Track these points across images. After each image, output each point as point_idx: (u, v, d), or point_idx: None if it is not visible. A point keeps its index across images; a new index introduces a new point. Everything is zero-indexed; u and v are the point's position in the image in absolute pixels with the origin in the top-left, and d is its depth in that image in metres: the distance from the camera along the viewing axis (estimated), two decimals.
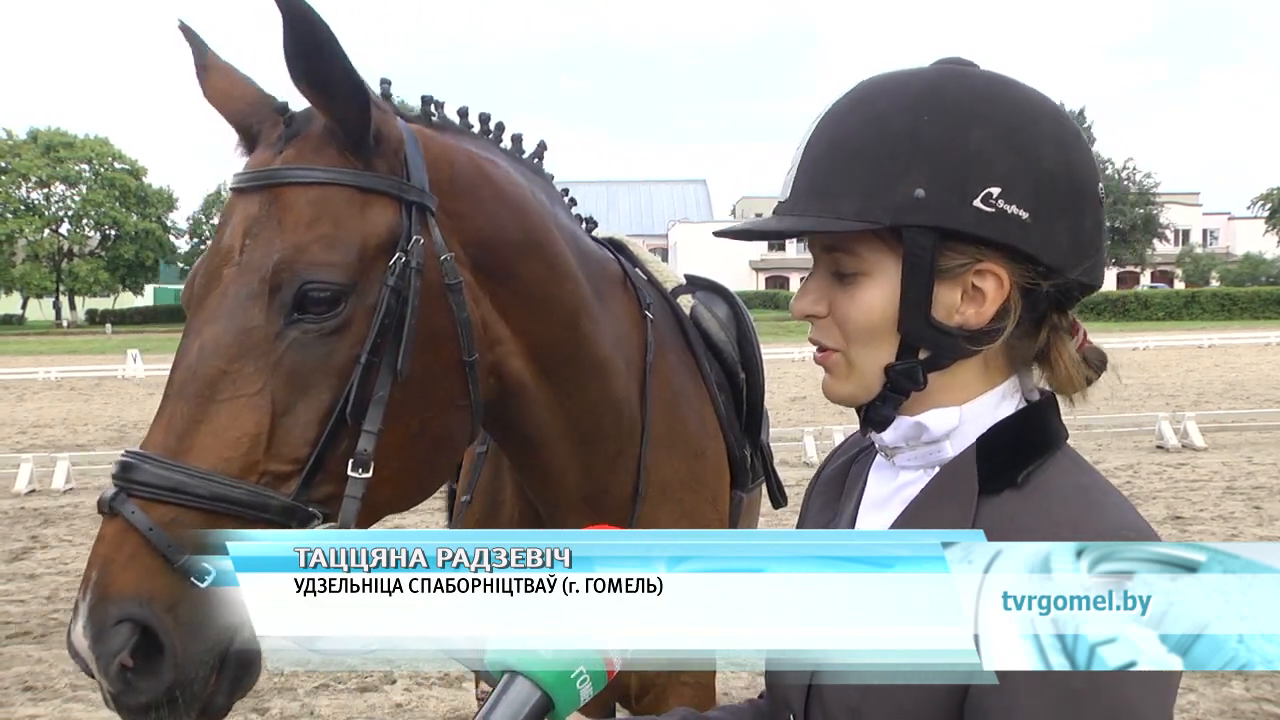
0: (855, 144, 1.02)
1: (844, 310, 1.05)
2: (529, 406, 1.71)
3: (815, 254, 1.10)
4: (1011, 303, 1.02)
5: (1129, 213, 66.01)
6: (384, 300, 1.35)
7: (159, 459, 1.25)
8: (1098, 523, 0.94)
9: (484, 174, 1.63)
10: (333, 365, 1.33)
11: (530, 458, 1.81)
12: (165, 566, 1.20)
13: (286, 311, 1.31)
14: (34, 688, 4.84)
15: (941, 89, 1.02)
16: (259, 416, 1.28)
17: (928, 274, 1.00)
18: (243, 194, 1.41)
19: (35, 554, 7.44)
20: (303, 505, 1.28)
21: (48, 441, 13.46)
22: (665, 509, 1.98)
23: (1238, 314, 47.99)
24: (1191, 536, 7.20)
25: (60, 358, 32.12)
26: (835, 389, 1.10)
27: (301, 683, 4.82)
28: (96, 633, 1.17)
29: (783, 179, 1.11)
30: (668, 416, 2.00)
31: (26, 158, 60.26)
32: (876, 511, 1.11)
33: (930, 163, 0.98)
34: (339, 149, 1.41)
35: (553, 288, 1.70)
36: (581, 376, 1.78)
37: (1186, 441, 11.13)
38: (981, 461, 1.02)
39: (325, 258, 1.34)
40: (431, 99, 1.70)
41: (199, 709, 1.23)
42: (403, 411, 1.39)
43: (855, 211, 1.00)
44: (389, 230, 1.40)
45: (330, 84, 1.35)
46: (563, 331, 1.72)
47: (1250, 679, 4.59)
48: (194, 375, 1.30)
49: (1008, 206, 0.98)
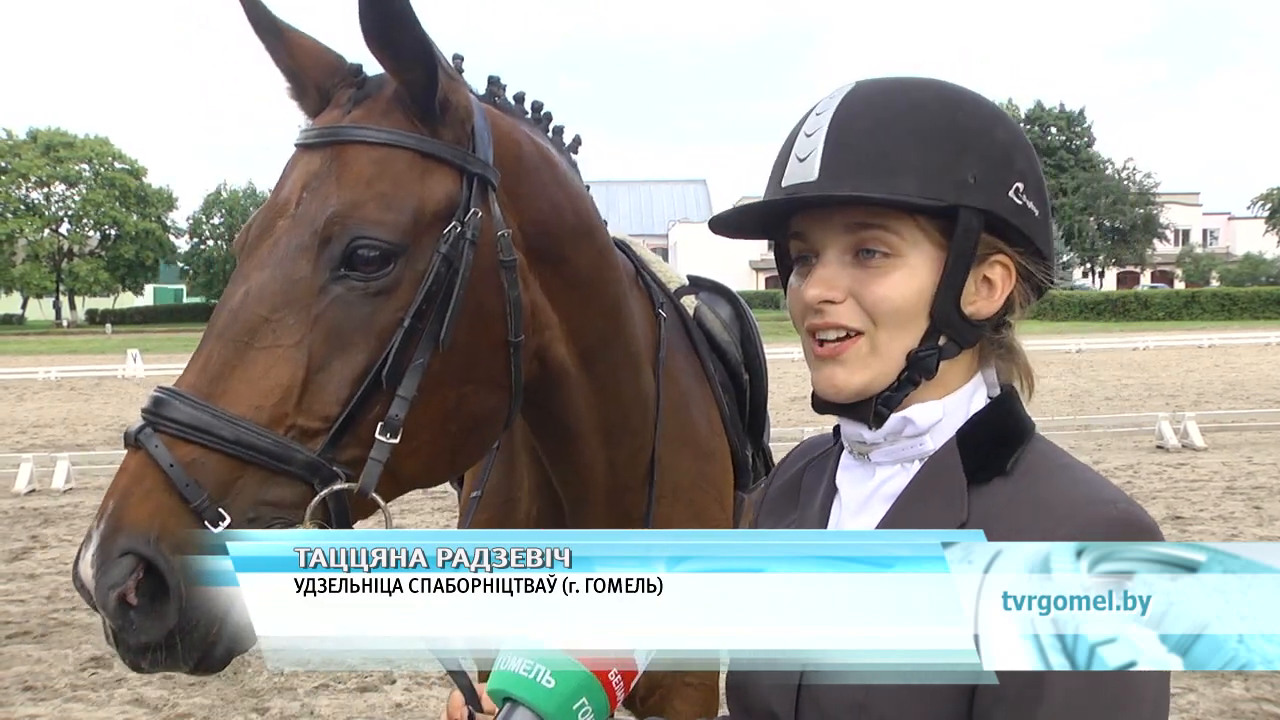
0: (903, 127, 1.04)
1: (875, 291, 1.04)
2: (570, 395, 1.70)
3: (827, 239, 1.08)
4: (1016, 293, 1.09)
5: (1129, 213, 66.07)
6: (434, 267, 1.34)
7: (190, 397, 1.24)
8: (1086, 497, 0.97)
9: (546, 158, 1.64)
10: (374, 326, 1.32)
11: (564, 448, 1.80)
12: (181, 505, 1.19)
13: (334, 265, 1.31)
14: (34, 688, 4.84)
15: (957, 91, 1.10)
16: (294, 369, 1.27)
17: (969, 257, 1.04)
18: (307, 149, 1.42)
19: (35, 554, 7.45)
20: (326, 463, 1.27)
21: (48, 441, 13.46)
22: (679, 509, 1.98)
23: (1238, 314, 47.99)
24: (1191, 536, 7.20)
25: (60, 358, 32.12)
26: (849, 380, 1.07)
27: (301, 683, 4.83)
28: (101, 562, 1.16)
29: (789, 164, 1.09)
30: (678, 416, 2.00)
31: (26, 158, 60.27)
32: (858, 514, 1.11)
33: (977, 152, 1.04)
34: (406, 114, 1.41)
35: (601, 275, 1.71)
36: (617, 369, 1.78)
37: (1186, 441, 11.14)
38: (965, 453, 1.05)
39: (379, 216, 1.33)
40: (497, 79, 1.71)
41: (197, 658, 1.20)
42: (441, 383, 1.37)
43: (918, 189, 1.02)
44: (448, 198, 1.40)
45: (401, 46, 1.36)
46: (605, 321, 1.73)
47: (1250, 679, 4.59)
48: (235, 319, 1.29)
49: (1028, 201, 1.07)
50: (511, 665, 0.90)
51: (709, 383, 2.18)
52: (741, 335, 2.41)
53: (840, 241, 1.07)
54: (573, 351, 1.68)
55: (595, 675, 0.89)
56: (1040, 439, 1.08)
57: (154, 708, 4.57)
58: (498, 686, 0.91)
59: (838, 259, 1.07)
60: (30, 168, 60.06)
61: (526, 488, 1.98)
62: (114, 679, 4.91)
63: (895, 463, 1.09)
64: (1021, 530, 0.96)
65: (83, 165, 62.27)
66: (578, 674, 0.89)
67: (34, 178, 60.70)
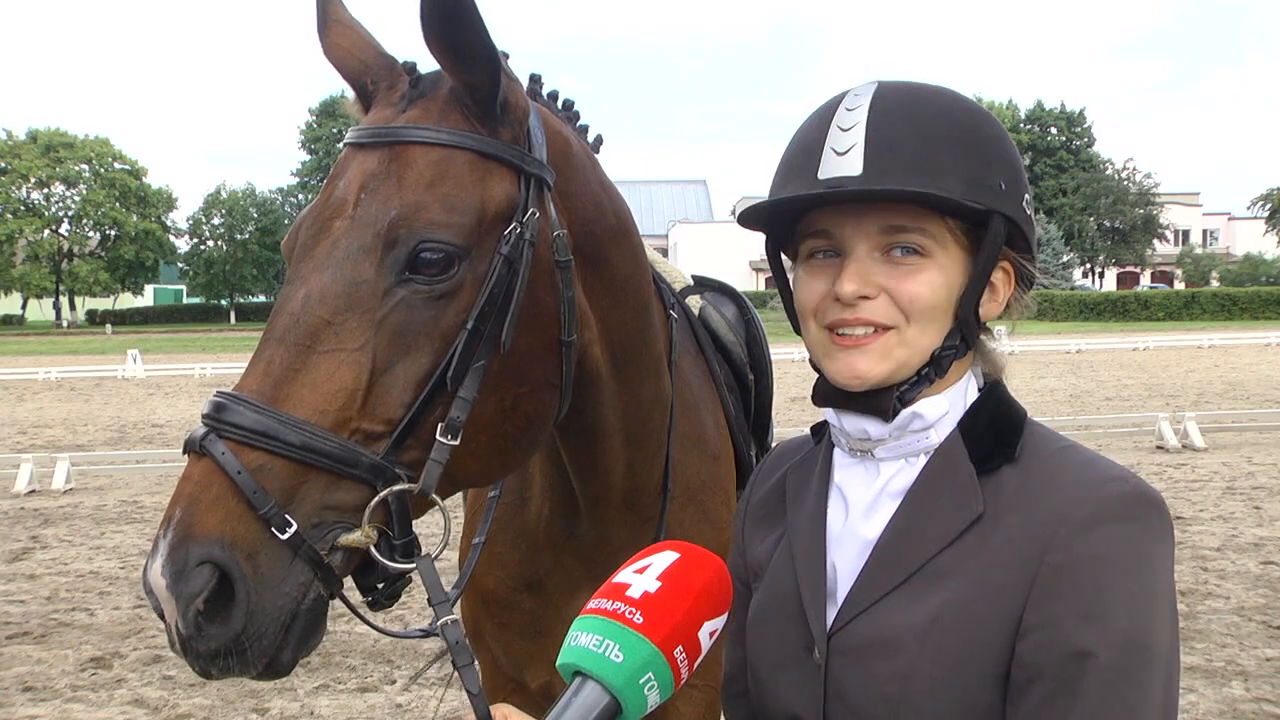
0: (941, 130, 1.07)
1: (910, 288, 1.07)
2: (600, 395, 1.70)
3: (858, 235, 1.08)
4: (1014, 296, 1.15)
5: (1129, 213, 66.04)
6: (495, 269, 1.34)
7: (253, 402, 1.22)
8: (1098, 476, 1.01)
9: (591, 157, 1.65)
10: (438, 329, 1.31)
11: (589, 448, 1.79)
12: (250, 513, 1.17)
13: (399, 269, 1.29)
14: (34, 688, 4.84)
15: (973, 103, 1.14)
16: (358, 372, 1.26)
17: (994, 261, 1.09)
18: (361, 149, 1.39)
19: (35, 554, 7.44)
20: (390, 465, 1.26)
21: (48, 442, 13.46)
22: (690, 510, 1.98)
23: (1238, 314, 48.00)
24: (1192, 536, 7.20)
25: (60, 358, 32.12)
26: (872, 369, 1.08)
27: (302, 683, 4.82)
28: (176, 572, 1.13)
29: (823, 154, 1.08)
30: (689, 417, 2.01)
31: (26, 158, 60.27)
32: (868, 515, 1.11)
33: (1001, 162, 1.09)
34: (464, 114, 1.40)
35: (635, 277, 1.72)
36: (643, 370, 1.79)
37: (1186, 442, 11.14)
38: (969, 443, 1.07)
39: (444, 219, 1.32)
40: (539, 78, 1.69)
41: (265, 663, 1.20)
42: (499, 384, 1.37)
43: (961, 191, 1.05)
44: (508, 200, 1.39)
45: (465, 48, 1.34)
46: (636, 322, 1.73)
47: (1250, 679, 4.59)
48: (296, 323, 1.27)
49: (1032, 212, 1.13)
50: (581, 641, 0.93)
51: (715, 383, 2.18)
52: (747, 336, 2.40)
53: (873, 239, 1.08)
54: (606, 353, 1.67)
55: (662, 652, 0.92)
56: (1034, 423, 1.11)
57: (154, 708, 4.57)
58: (568, 661, 0.93)
59: (868, 255, 1.08)
60: (30, 168, 60.06)
61: (538, 488, 1.97)
62: (114, 679, 4.91)
63: (900, 458, 1.10)
64: (1043, 512, 0.99)
65: (83, 166, 62.30)
66: (646, 650, 0.92)
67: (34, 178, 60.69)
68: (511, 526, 1.98)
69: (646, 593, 0.95)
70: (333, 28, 1.51)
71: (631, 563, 1.01)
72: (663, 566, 0.98)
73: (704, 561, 1.00)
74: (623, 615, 0.93)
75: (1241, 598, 5.79)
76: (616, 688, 0.90)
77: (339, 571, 1.25)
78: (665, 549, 1.01)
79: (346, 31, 1.52)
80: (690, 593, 0.96)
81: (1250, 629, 5.26)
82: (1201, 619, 5.43)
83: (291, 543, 1.19)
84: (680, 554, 1.00)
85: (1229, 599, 5.78)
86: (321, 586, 1.23)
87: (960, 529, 1.03)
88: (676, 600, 0.95)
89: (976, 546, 1.01)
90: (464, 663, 1.24)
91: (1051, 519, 0.98)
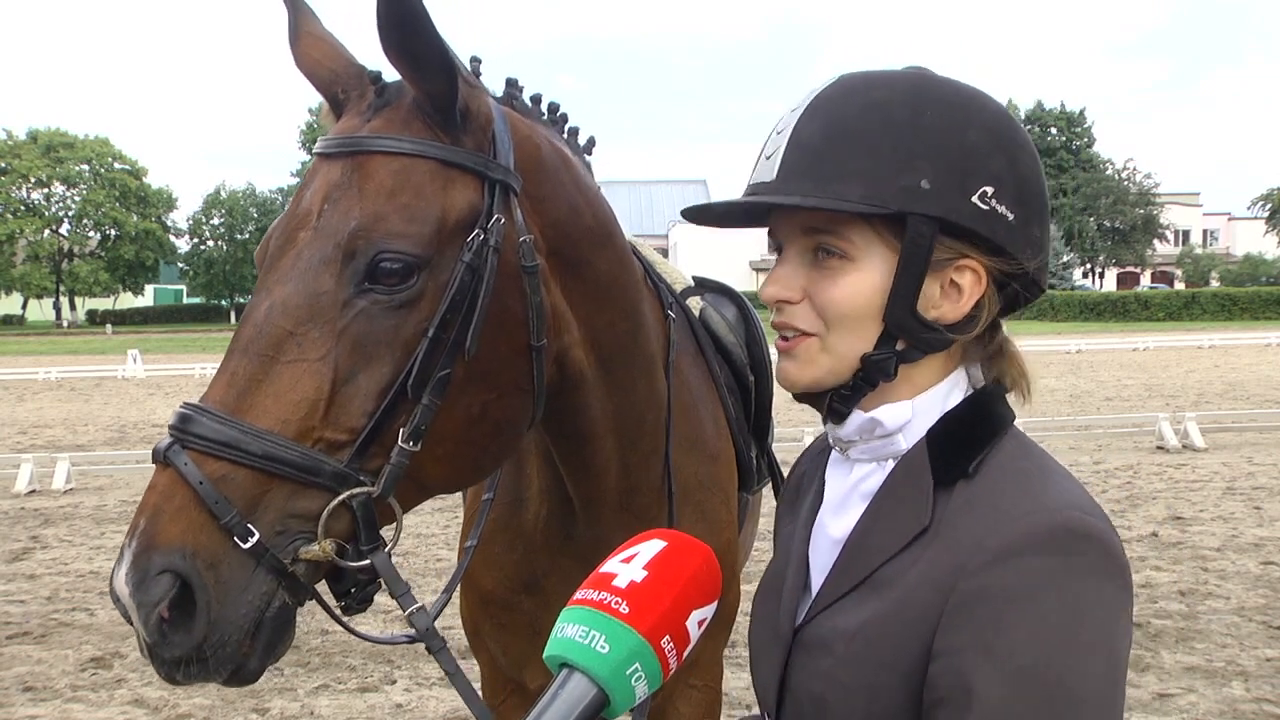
0: (856, 128, 1.03)
1: (826, 294, 1.05)
2: (587, 398, 1.70)
3: (790, 237, 1.09)
4: (987, 298, 1.06)
5: (1129, 213, 66.06)
6: (457, 277, 1.34)
7: (216, 413, 1.24)
8: (1030, 506, 0.95)
9: (565, 160, 1.63)
10: (399, 338, 1.32)
11: (579, 450, 1.79)
12: (211, 522, 1.19)
13: (358, 280, 1.30)
14: (34, 688, 4.84)
15: (932, 85, 1.06)
16: (320, 382, 1.27)
17: (923, 264, 1.02)
18: (327, 159, 1.40)
19: (35, 554, 7.44)
20: (354, 473, 1.27)
21: (48, 442, 13.46)
22: (687, 510, 1.99)
23: (1238, 314, 48.00)
24: (1192, 536, 7.20)
25: (60, 358, 32.13)
26: (799, 373, 1.08)
27: (302, 683, 4.82)
28: (138, 580, 1.17)
29: (759, 161, 1.10)
30: (687, 417, 2.01)
31: (26, 158, 60.28)
32: (838, 512, 1.11)
33: (934, 155, 1.01)
34: (427, 122, 1.40)
35: (620, 279, 1.71)
36: (634, 371, 1.78)
37: (1187, 442, 11.12)
38: (933, 454, 1.04)
39: (402, 229, 1.32)
40: (515, 81, 1.69)
41: (230, 670, 1.23)
42: (465, 391, 1.38)
43: (861, 195, 1.01)
44: (470, 207, 1.39)
45: (420, 56, 1.34)
46: (623, 324, 1.73)
47: (1250, 679, 4.59)
48: (260, 334, 1.29)
49: (999, 205, 1.03)
50: (567, 633, 0.93)
51: (714, 384, 2.18)
52: (747, 337, 2.40)
53: (800, 242, 1.08)
54: (591, 355, 1.67)
55: (649, 642, 0.91)
56: (1013, 438, 1.05)
57: (154, 708, 4.57)
58: (554, 653, 0.93)
59: (798, 257, 1.08)
60: (30, 168, 60.07)
61: (535, 489, 1.97)
62: (114, 679, 4.90)
63: (872, 460, 1.09)
64: (969, 536, 0.95)
65: (83, 166, 62.31)
66: (632, 640, 0.91)
67: (34, 178, 60.70)
68: (509, 528, 1.98)
69: (633, 582, 0.94)
70: (304, 39, 1.52)
71: (619, 552, 1.00)
72: (649, 555, 0.97)
73: (692, 550, 0.99)
74: (608, 605, 0.92)
75: (1242, 598, 5.79)
76: (603, 679, 0.89)
77: (306, 580, 1.27)
78: (652, 538, 1.00)
79: (318, 43, 1.52)
80: (677, 582, 0.95)
81: (1250, 629, 5.26)
82: (1202, 619, 5.42)
83: (254, 551, 1.21)
84: (667, 542, 0.99)
85: (1229, 599, 5.77)
86: (287, 595, 1.25)
87: (905, 541, 1.00)
88: (663, 589, 0.94)
89: (913, 561, 0.99)
90: (438, 648, 1.29)
91: (971, 543, 0.94)
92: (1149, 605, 5.65)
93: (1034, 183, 1.06)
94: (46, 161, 60.60)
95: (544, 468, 1.91)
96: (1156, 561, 6.59)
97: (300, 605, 1.29)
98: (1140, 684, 4.49)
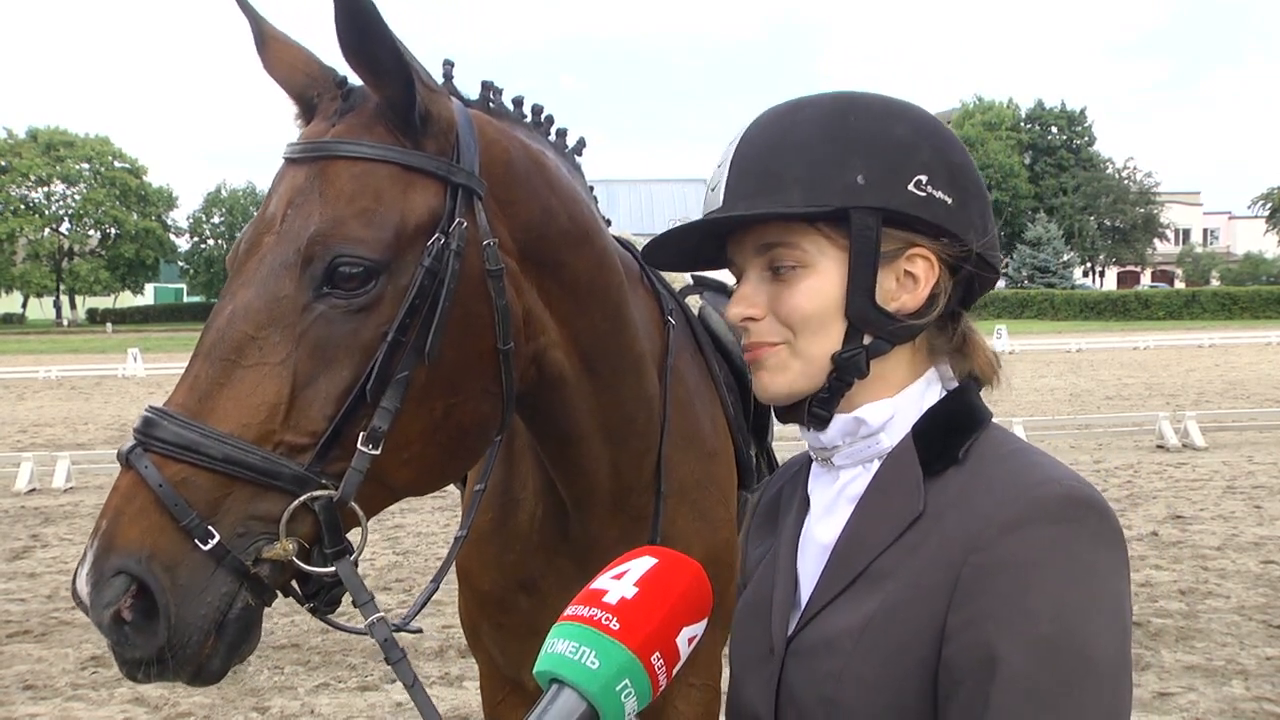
0: (790, 142, 1.08)
1: (788, 302, 1.08)
2: (569, 399, 1.70)
3: (746, 260, 1.13)
4: (941, 284, 1.10)
5: (1129, 212, 66.02)
6: (417, 280, 1.34)
7: (178, 417, 1.25)
8: (1033, 479, 0.98)
9: (538, 162, 1.63)
10: (358, 342, 1.32)
11: (564, 451, 1.80)
12: (171, 524, 1.20)
13: (316, 284, 1.31)
14: (34, 686, 4.84)
15: (857, 96, 1.13)
16: (280, 386, 1.28)
17: (873, 254, 1.06)
18: (293, 164, 1.41)
19: (36, 553, 7.45)
20: (315, 476, 1.28)
21: (48, 440, 13.47)
22: (683, 509, 1.99)
23: (1238, 313, 47.96)
24: (1192, 536, 7.21)
25: (61, 357, 32.15)
26: (773, 381, 1.11)
27: (302, 682, 4.83)
28: (95, 581, 1.19)
29: (706, 195, 1.16)
30: (684, 416, 2.00)
31: (27, 157, 60.26)
32: (824, 518, 1.13)
33: (866, 153, 1.07)
34: (389, 127, 1.41)
35: (600, 280, 1.70)
36: (620, 371, 1.78)
37: (1187, 441, 11.13)
38: (920, 447, 1.07)
39: (360, 233, 1.33)
40: (491, 84, 1.69)
41: (192, 672, 1.24)
42: (428, 395, 1.38)
43: (802, 199, 1.06)
44: (430, 211, 1.39)
45: (376, 60, 1.35)
46: (606, 324, 1.73)
47: (1250, 678, 4.60)
48: (222, 338, 1.30)
49: (935, 191, 1.08)
50: (558, 648, 0.93)
51: (714, 383, 2.18)
52: None
53: (756, 262, 1.12)
54: (573, 356, 1.67)
55: (639, 659, 0.92)
56: (996, 428, 1.09)
57: (154, 707, 4.58)
58: (545, 668, 0.93)
59: (757, 277, 1.12)
60: (30, 167, 60.06)
61: (531, 488, 1.97)
62: (114, 678, 4.91)
63: (856, 464, 1.11)
64: (974, 513, 0.98)
65: (83, 164, 62.27)
66: (622, 657, 0.91)
67: (34, 177, 60.69)
68: (505, 528, 1.99)
69: (623, 599, 0.95)
70: (271, 44, 1.51)
71: (610, 568, 1.01)
72: (640, 572, 0.98)
73: (682, 567, 1.00)
74: (599, 621, 0.93)
75: (1242, 597, 5.79)
76: (593, 694, 0.90)
77: (269, 581, 1.28)
78: (644, 554, 1.01)
79: (286, 48, 1.52)
80: (668, 599, 0.96)
81: (1251, 628, 5.26)
82: (1202, 618, 5.43)
83: (214, 553, 1.22)
84: (658, 559, 1.00)
85: (1229, 598, 5.78)
86: (250, 596, 1.26)
87: (900, 530, 1.02)
88: (654, 606, 0.94)
89: (913, 548, 1.01)
90: (395, 659, 1.31)
91: (979, 520, 0.96)
92: (1149, 604, 5.66)
93: (967, 169, 1.11)
94: (47, 160, 60.58)
95: (540, 468, 1.91)
96: (1157, 560, 6.59)
97: (267, 605, 1.30)
98: (1140, 683, 4.49)
